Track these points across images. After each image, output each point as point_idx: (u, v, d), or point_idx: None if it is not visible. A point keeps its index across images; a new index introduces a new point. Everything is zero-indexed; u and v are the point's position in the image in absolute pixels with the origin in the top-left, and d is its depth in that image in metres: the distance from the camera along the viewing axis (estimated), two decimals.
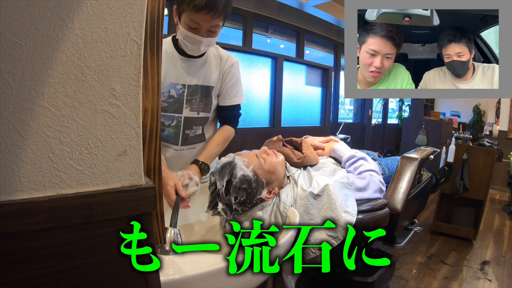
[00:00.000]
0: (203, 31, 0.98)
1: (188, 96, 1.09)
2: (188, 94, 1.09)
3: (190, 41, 1.00)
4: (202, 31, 0.98)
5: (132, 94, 0.44)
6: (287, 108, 2.99)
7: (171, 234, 0.76)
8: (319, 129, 3.33)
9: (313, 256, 0.90)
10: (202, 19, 0.95)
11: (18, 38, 0.36)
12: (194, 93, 1.10)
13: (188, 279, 0.60)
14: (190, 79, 1.09)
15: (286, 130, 2.93)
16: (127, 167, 0.45)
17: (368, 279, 1.17)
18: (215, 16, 0.94)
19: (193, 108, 1.11)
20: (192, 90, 1.10)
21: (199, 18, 0.94)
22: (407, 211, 1.19)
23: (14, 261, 0.38)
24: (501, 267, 2.03)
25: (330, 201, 0.92)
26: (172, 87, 1.08)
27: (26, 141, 0.38)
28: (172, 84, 1.07)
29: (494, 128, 4.64)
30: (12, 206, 0.37)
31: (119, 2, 0.42)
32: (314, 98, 3.36)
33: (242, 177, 0.89)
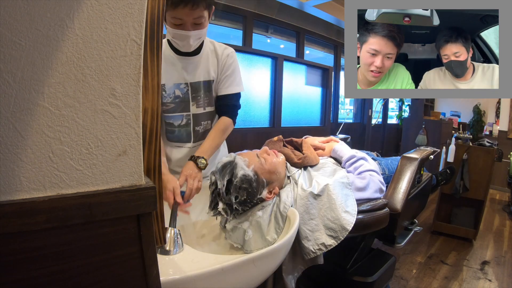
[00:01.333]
0: (188, 25, 0.98)
1: (193, 93, 1.12)
2: (192, 91, 1.11)
3: (178, 37, 1.01)
4: (187, 25, 0.98)
5: (132, 94, 0.44)
6: (287, 108, 2.99)
7: (171, 234, 0.76)
8: (319, 129, 3.33)
9: (313, 256, 0.90)
10: (183, 13, 0.95)
11: (18, 38, 0.36)
12: (198, 90, 1.12)
13: (188, 279, 0.60)
14: (191, 76, 1.10)
15: (286, 130, 2.93)
16: (127, 167, 0.45)
17: (368, 279, 1.17)
18: (194, 7, 0.94)
19: (199, 105, 1.14)
20: (195, 87, 1.11)
21: (180, 13, 0.94)
22: (407, 211, 1.19)
23: (14, 261, 0.38)
24: (501, 267, 2.03)
25: (330, 201, 0.92)
26: (176, 87, 1.10)
27: (26, 141, 0.38)
28: (175, 84, 1.09)
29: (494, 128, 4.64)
30: (12, 206, 0.37)
31: (119, 2, 0.42)
32: (314, 98, 3.35)
33: (243, 176, 0.89)
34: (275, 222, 0.89)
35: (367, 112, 4.58)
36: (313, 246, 0.89)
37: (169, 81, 1.09)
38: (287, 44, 3.76)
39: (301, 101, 3.21)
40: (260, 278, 0.77)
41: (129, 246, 0.45)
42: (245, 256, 0.69)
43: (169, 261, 0.71)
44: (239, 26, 3.01)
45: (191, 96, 1.12)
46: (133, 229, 0.45)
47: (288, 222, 0.88)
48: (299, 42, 3.60)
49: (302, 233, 0.91)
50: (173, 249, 0.75)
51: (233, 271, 0.66)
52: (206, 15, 0.99)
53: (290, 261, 0.95)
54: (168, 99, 1.11)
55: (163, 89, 1.11)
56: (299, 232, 0.90)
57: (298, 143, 1.19)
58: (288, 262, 0.94)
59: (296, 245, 0.92)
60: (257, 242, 0.86)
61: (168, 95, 1.11)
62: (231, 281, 0.66)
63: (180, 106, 1.11)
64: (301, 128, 3.11)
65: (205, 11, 0.98)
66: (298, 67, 3.13)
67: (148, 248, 0.47)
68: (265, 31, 3.33)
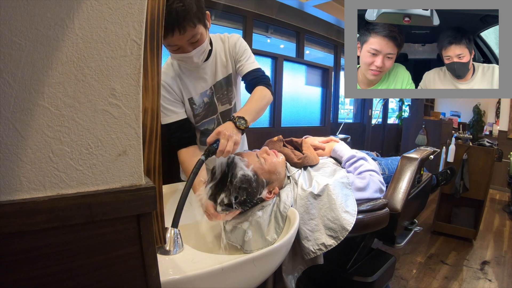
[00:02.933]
0: (186, 47, 0.96)
1: (217, 94, 1.15)
2: (216, 92, 1.15)
3: (183, 60, 1.01)
4: (185, 47, 0.96)
5: (132, 94, 0.44)
6: (287, 108, 2.99)
7: (171, 234, 0.76)
8: (319, 129, 3.33)
9: (313, 256, 0.90)
10: (175, 40, 0.92)
11: (18, 38, 0.36)
12: (220, 89, 1.15)
13: (188, 279, 0.60)
14: (212, 80, 1.13)
15: (286, 130, 2.93)
16: (127, 167, 0.45)
17: (368, 279, 1.17)
18: (182, 32, 0.90)
19: (223, 102, 1.17)
20: (217, 88, 1.15)
21: (172, 40, 0.92)
22: (407, 211, 1.19)
23: (14, 261, 0.38)
24: (501, 267, 2.03)
25: (330, 201, 0.92)
26: (203, 96, 1.14)
27: (26, 141, 0.38)
28: (202, 94, 1.13)
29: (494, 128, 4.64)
30: (12, 206, 0.37)
31: (119, 2, 0.42)
32: (314, 98, 3.35)
33: (242, 176, 0.89)
34: (275, 222, 0.89)
35: (367, 112, 4.58)
36: (313, 246, 0.89)
37: (196, 93, 1.12)
38: (287, 44, 3.76)
39: (301, 101, 3.20)
40: (260, 278, 0.77)
41: (129, 246, 0.45)
42: (245, 256, 0.69)
43: (169, 261, 0.71)
44: (239, 26, 3.01)
45: (216, 97, 1.15)
46: (133, 229, 0.45)
47: (288, 222, 0.88)
48: (299, 42, 3.60)
49: (302, 233, 0.91)
50: (173, 249, 0.75)
51: (233, 271, 0.66)
52: (200, 31, 0.96)
53: (290, 261, 0.95)
54: (199, 110, 1.14)
55: (193, 102, 1.13)
56: (299, 232, 0.90)
57: (298, 143, 1.19)
58: (288, 262, 0.94)
59: (296, 245, 0.92)
60: (257, 242, 0.86)
61: (199, 106, 1.13)
62: (231, 281, 0.66)
63: (210, 110, 1.15)
64: (301, 128, 3.11)
65: (197, 28, 0.94)
66: (298, 67, 3.12)
67: (148, 248, 0.47)
68: (265, 31, 3.33)
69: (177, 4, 0.85)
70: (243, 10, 2.91)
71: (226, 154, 0.84)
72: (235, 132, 0.85)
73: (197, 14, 0.91)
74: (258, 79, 1.10)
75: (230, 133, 0.84)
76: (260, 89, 1.07)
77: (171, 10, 0.85)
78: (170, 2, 0.85)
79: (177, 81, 1.09)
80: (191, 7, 0.88)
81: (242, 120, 0.89)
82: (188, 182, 0.79)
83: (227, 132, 0.84)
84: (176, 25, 0.88)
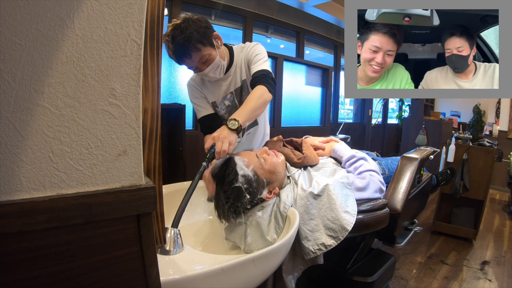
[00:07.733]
0: (200, 67, 1.11)
1: (237, 98, 1.26)
2: (237, 96, 1.26)
3: (204, 76, 1.18)
4: (199, 67, 1.11)
5: (132, 94, 0.44)
6: (287, 108, 2.99)
7: (171, 234, 0.76)
8: (319, 129, 3.33)
9: (313, 256, 0.90)
10: (187, 64, 1.09)
11: (18, 38, 0.36)
12: (239, 93, 1.26)
13: (188, 279, 0.60)
14: (233, 85, 1.25)
15: (286, 130, 2.93)
16: (127, 167, 0.45)
17: (368, 279, 1.17)
18: (189, 58, 1.05)
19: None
20: (238, 92, 1.26)
21: (186, 65, 1.10)
22: (407, 211, 1.19)
23: (14, 261, 0.38)
24: (501, 267, 2.03)
25: (330, 201, 0.92)
26: (225, 99, 1.26)
27: (26, 141, 0.38)
28: (224, 98, 1.26)
29: (494, 128, 4.64)
30: (12, 206, 0.37)
31: (119, 2, 0.42)
32: (314, 98, 3.35)
33: (242, 177, 0.89)
34: (275, 222, 0.89)
35: (367, 112, 4.58)
36: (313, 246, 0.89)
37: (219, 98, 1.25)
38: (287, 44, 3.76)
39: (301, 101, 3.21)
40: (260, 278, 0.77)
41: (129, 246, 0.45)
42: (245, 256, 0.69)
43: (169, 261, 0.71)
44: (239, 26, 3.01)
45: (238, 101, 1.25)
46: (133, 229, 0.45)
47: (288, 222, 0.88)
48: (299, 42, 3.60)
49: (302, 233, 0.91)
50: (173, 249, 0.75)
51: (233, 271, 0.66)
52: (207, 52, 1.08)
53: (290, 261, 0.95)
54: (222, 112, 1.28)
55: (216, 105, 1.26)
56: (299, 232, 0.90)
57: (298, 143, 1.19)
58: (288, 262, 0.94)
59: (296, 245, 0.92)
60: (257, 242, 0.86)
61: (221, 108, 1.27)
62: (231, 281, 0.66)
63: (232, 112, 1.19)
64: (301, 128, 3.11)
65: (202, 50, 1.06)
66: (298, 67, 3.13)
67: (148, 248, 0.47)
68: (265, 31, 3.33)
69: (180, 36, 1.01)
70: (243, 10, 2.91)
71: (223, 154, 0.89)
72: (228, 133, 0.92)
73: (199, 40, 1.04)
74: (258, 79, 1.15)
75: (224, 135, 0.91)
76: (257, 88, 1.13)
77: (177, 42, 1.01)
78: (176, 35, 1.01)
79: (201, 88, 1.27)
80: (192, 36, 1.02)
81: (234, 121, 0.95)
82: (191, 187, 0.83)
83: (220, 135, 0.91)
84: (183, 53, 1.04)
